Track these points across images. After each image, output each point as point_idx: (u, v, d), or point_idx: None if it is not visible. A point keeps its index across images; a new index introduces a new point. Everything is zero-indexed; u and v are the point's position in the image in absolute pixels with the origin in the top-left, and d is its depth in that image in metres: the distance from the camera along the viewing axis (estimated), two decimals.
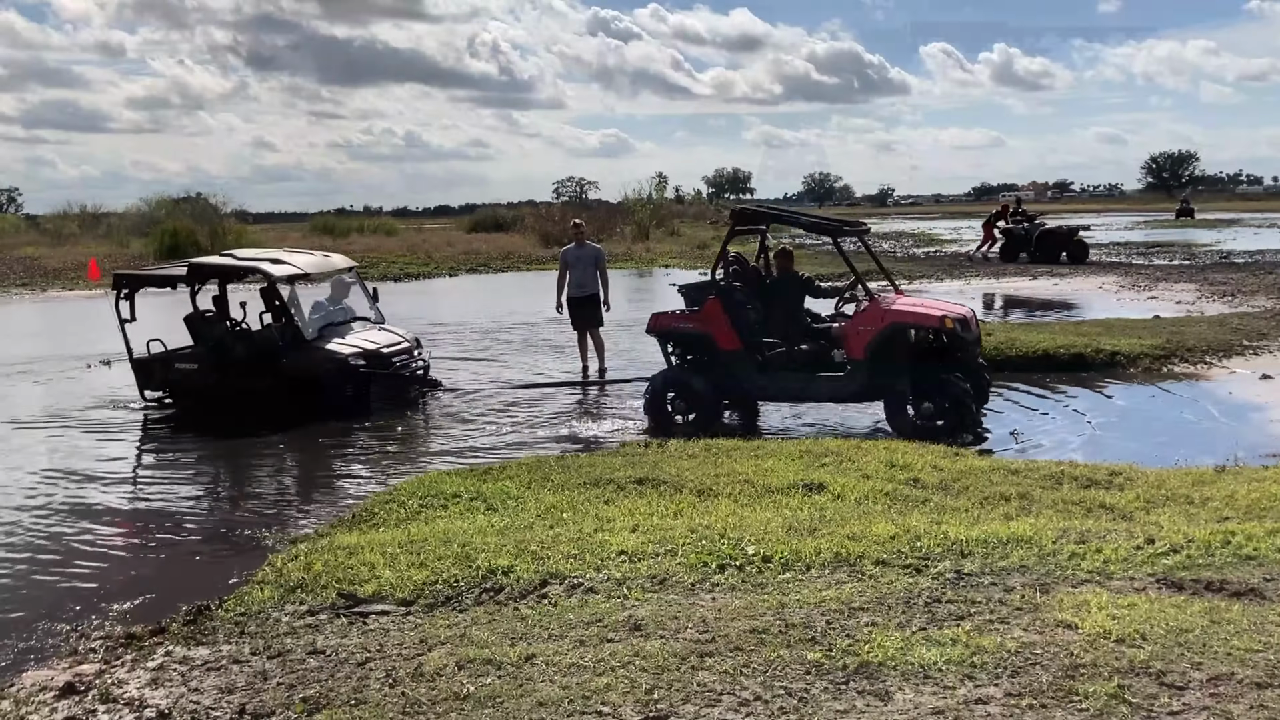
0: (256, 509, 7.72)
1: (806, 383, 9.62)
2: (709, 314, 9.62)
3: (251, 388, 11.45)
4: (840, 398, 9.75)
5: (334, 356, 11.37)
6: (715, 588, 4.55)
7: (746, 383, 9.68)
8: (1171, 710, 3.23)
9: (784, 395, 9.94)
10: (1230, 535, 4.95)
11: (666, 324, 10.00)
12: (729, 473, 6.61)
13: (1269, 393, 10.30)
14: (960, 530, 5.10)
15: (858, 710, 3.32)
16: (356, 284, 13.15)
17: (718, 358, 9.61)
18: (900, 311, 9.50)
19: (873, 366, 9.20)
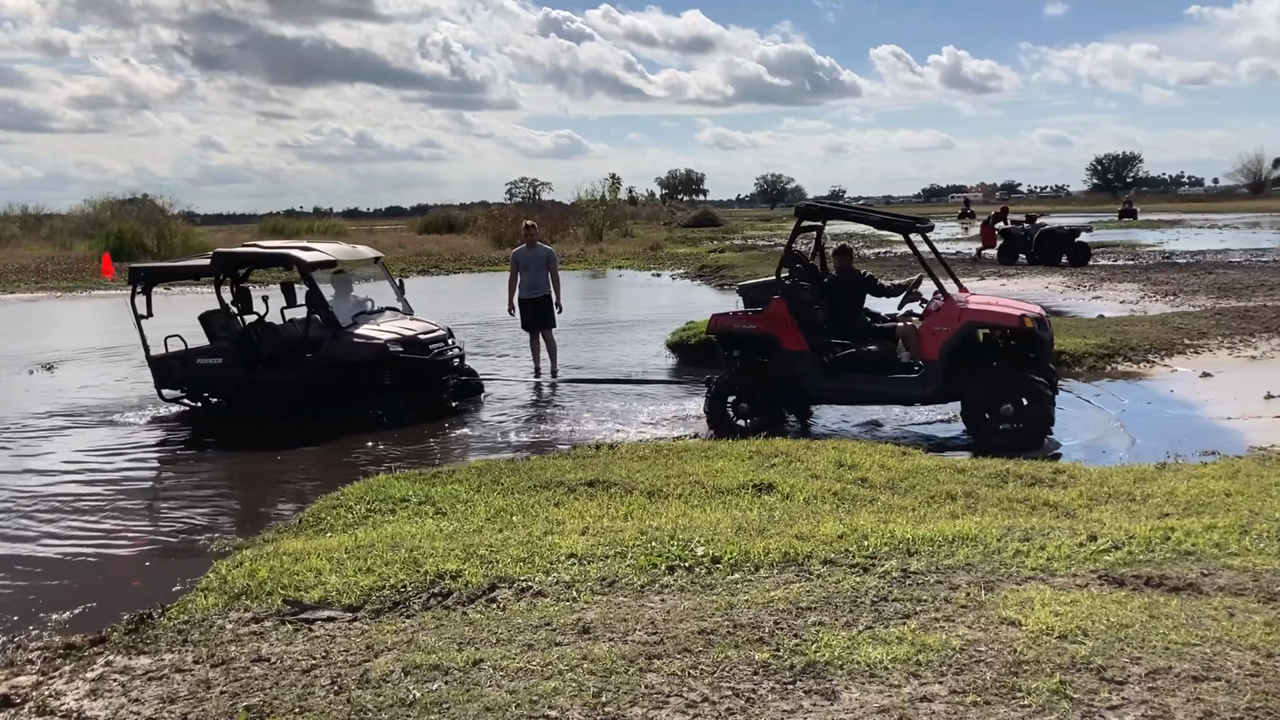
0: (203, 514, 7.61)
1: (877, 385, 9.26)
2: (774, 314, 9.26)
3: (282, 382, 11.14)
4: (913, 400, 9.39)
5: (372, 342, 10.99)
6: (664, 589, 4.55)
7: (812, 385, 9.29)
8: (1111, 704, 3.28)
9: (853, 398, 9.59)
10: (1170, 531, 5.04)
11: (728, 324, 9.66)
12: (679, 474, 6.62)
13: (1209, 390, 10.50)
14: (907, 529, 5.15)
15: (804, 710, 3.34)
16: (384, 274, 12.82)
17: (783, 359, 9.25)
18: (976, 311, 9.14)
19: (948, 368, 8.86)
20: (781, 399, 9.47)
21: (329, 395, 10.96)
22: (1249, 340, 13.03)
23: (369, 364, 10.90)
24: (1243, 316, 14.92)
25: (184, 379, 11.62)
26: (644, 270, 34.61)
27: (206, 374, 11.52)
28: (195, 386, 11.70)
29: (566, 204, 60.25)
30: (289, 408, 11.05)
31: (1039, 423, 8.65)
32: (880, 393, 9.35)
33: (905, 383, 9.15)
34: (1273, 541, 4.90)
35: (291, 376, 11.15)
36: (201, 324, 12.04)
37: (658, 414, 10.70)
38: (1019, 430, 8.58)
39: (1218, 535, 4.98)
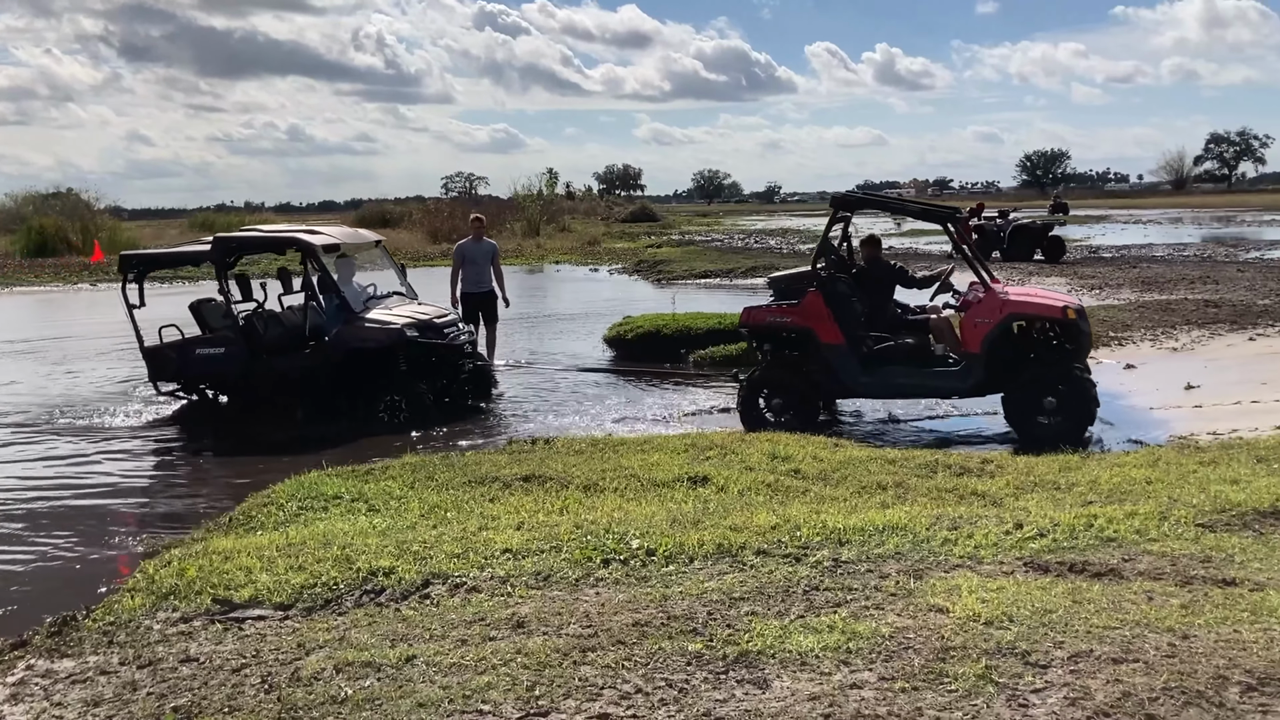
0: (132, 514, 7.47)
1: (917, 378, 9.10)
2: (809, 307, 9.04)
3: (289, 372, 10.65)
4: (953, 394, 9.23)
5: (388, 328, 10.54)
6: (599, 582, 4.56)
7: (850, 379, 9.08)
8: (1035, 688, 3.36)
9: (891, 392, 9.37)
10: (1093, 518, 5.17)
11: (761, 318, 9.37)
12: (615, 468, 6.63)
13: (1132, 381, 10.76)
14: (838, 519, 5.22)
15: (737, 699, 3.37)
16: (385, 258, 12.40)
17: (819, 353, 9.05)
18: (1019, 302, 8.97)
19: (990, 360, 8.71)
20: (819, 395, 9.30)
21: (340, 385, 10.49)
22: (1170, 332, 13.38)
23: (384, 351, 10.46)
24: (1165, 309, 15.31)
25: (182, 371, 11.09)
26: (582, 265, 34.59)
27: (207, 365, 10.95)
28: (194, 379, 11.16)
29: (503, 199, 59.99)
30: (295, 401, 10.61)
31: (1082, 415, 8.52)
32: (920, 386, 9.20)
33: (945, 375, 9.02)
34: (1190, 527, 5.05)
35: (300, 366, 10.67)
36: (193, 313, 11.42)
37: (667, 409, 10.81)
38: (1061, 423, 8.45)
39: (1138, 522, 5.12)
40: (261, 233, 12.11)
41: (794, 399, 9.12)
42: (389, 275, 12.09)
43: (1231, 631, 3.72)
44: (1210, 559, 4.57)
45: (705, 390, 11.81)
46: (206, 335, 11.20)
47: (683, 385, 12.29)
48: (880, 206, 10.94)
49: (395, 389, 10.35)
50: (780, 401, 9.12)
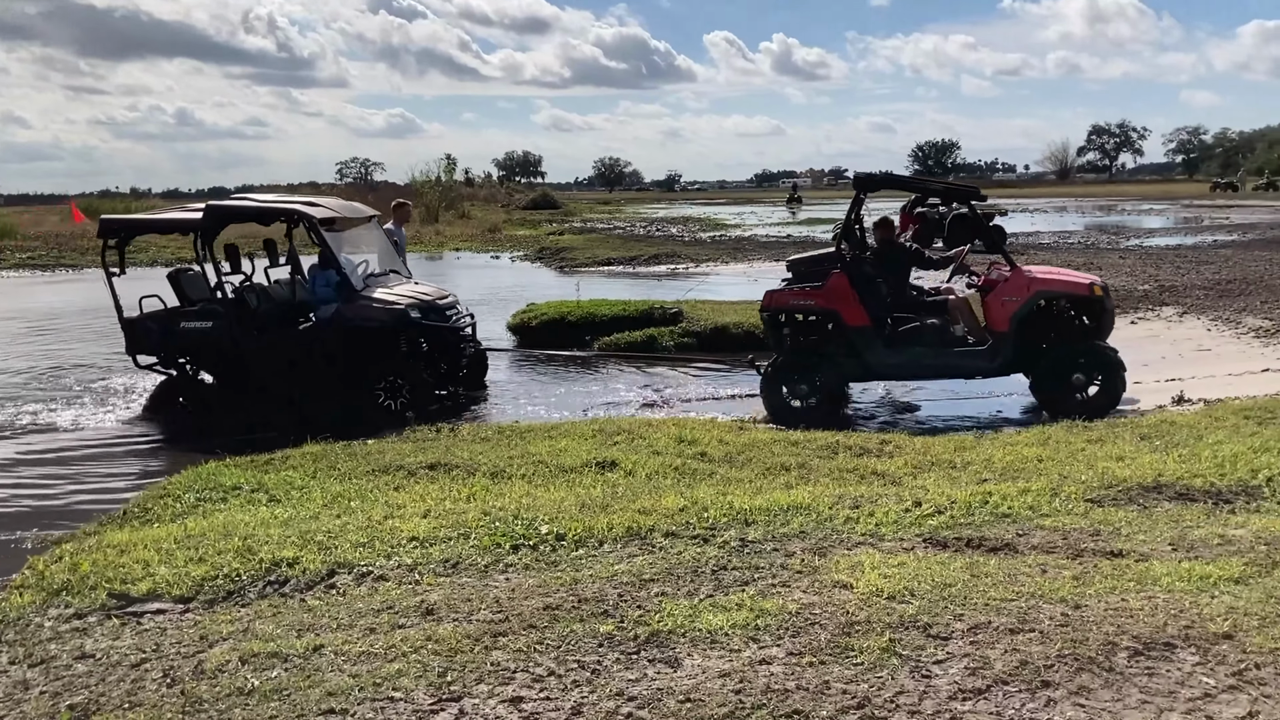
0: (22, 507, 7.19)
1: (944, 358, 9.04)
2: (835, 289, 8.91)
3: (282, 350, 10.09)
4: (981, 373, 9.19)
5: (392, 307, 10.03)
6: (509, 568, 4.55)
7: (876, 361, 8.99)
8: (937, 659, 3.46)
9: (918, 373, 9.36)
10: (988, 495, 5.34)
11: (785, 301, 9.19)
12: (523, 454, 6.62)
13: None
14: (744, 500, 5.29)
15: (649, 678, 3.40)
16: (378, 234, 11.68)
17: (845, 335, 8.93)
18: (1046, 280, 9.11)
19: (1018, 338, 8.77)
20: (846, 379, 9.20)
21: (338, 364, 10.02)
22: None
23: (386, 331, 10.04)
24: None
25: (164, 344, 10.45)
26: (483, 252, 34.30)
27: (193, 340, 10.33)
28: (176, 353, 10.53)
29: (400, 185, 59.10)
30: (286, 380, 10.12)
31: (1111, 390, 8.67)
32: (947, 366, 9.15)
33: (972, 355, 9.01)
34: (1079, 503, 5.26)
35: (295, 343, 10.17)
36: (171, 283, 10.84)
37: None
38: (1091, 399, 8.61)
39: (1031, 498, 5.30)
40: (258, 202, 11.49)
41: (820, 384, 8.98)
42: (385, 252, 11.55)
43: (1120, 600, 3.88)
44: (1099, 532, 4.77)
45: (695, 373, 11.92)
46: (193, 307, 10.62)
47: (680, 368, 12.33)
48: (903, 186, 10.98)
49: (396, 371, 9.95)
50: (805, 387, 8.98)
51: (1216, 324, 12.87)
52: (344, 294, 10.16)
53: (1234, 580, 4.04)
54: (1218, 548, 4.46)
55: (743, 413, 9.42)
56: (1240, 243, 27.44)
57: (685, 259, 26.81)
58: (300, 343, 10.24)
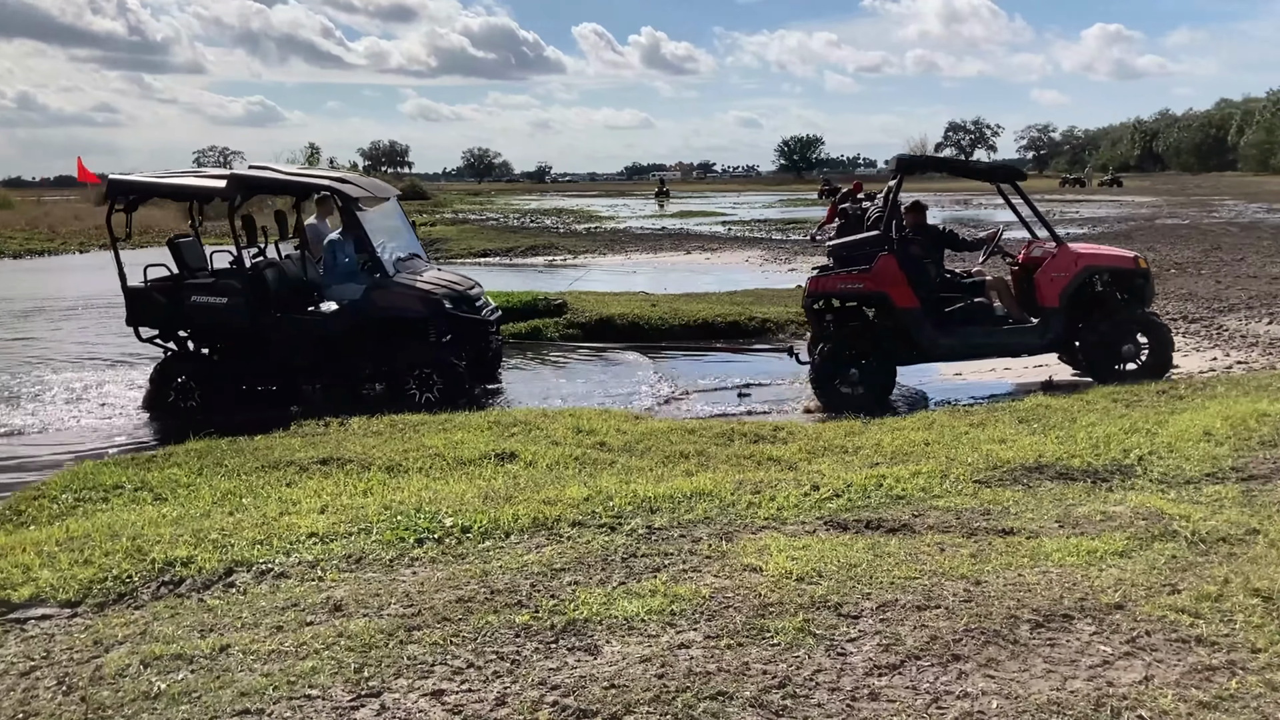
0: None
1: (996, 337, 9.07)
2: (883, 271, 8.81)
3: (303, 333, 9.36)
4: (1033, 350, 9.28)
5: (429, 295, 9.41)
6: (415, 562, 4.48)
7: (928, 343, 8.93)
8: (850, 637, 3.55)
9: (971, 353, 9.34)
10: (881, 478, 5.50)
11: (832, 286, 9.04)
12: (418, 447, 6.51)
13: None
14: (648, 488, 5.33)
15: (570, 666, 3.40)
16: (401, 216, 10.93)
17: (894, 318, 8.88)
18: (1094, 255, 9.31)
19: (1069, 314, 8.88)
20: (896, 362, 9.08)
21: (361, 353, 9.38)
22: None
23: (419, 320, 9.47)
24: None
25: (172, 317, 9.70)
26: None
27: (204, 315, 9.58)
28: (184, 328, 9.78)
29: None
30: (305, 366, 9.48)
31: (1163, 356, 8.86)
32: (1000, 344, 9.21)
33: (1023, 332, 9.07)
34: (968, 484, 5.46)
35: (317, 328, 9.47)
36: (172, 252, 10.07)
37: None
38: (1142, 367, 8.79)
39: (922, 480, 5.48)
40: (284, 174, 10.74)
41: (872, 369, 8.90)
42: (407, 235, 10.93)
43: (1016, 576, 4.05)
44: (989, 511, 4.96)
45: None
46: (207, 280, 9.95)
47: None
48: (945, 168, 11.13)
49: (429, 362, 9.42)
50: (857, 373, 8.89)
51: None
52: (376, 279, 9.63)
53: (1119, 554, 4.26)
54: (1101, 523, 4.68)
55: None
56: (1090, 236, 28.79)
57: (563, 250, 26.77)
58: (325, 326, 9.60)
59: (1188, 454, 5.81)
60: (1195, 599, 3.76)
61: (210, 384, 9.60)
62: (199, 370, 9.69)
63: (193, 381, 9.56)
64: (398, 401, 8.98)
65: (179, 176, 10.75)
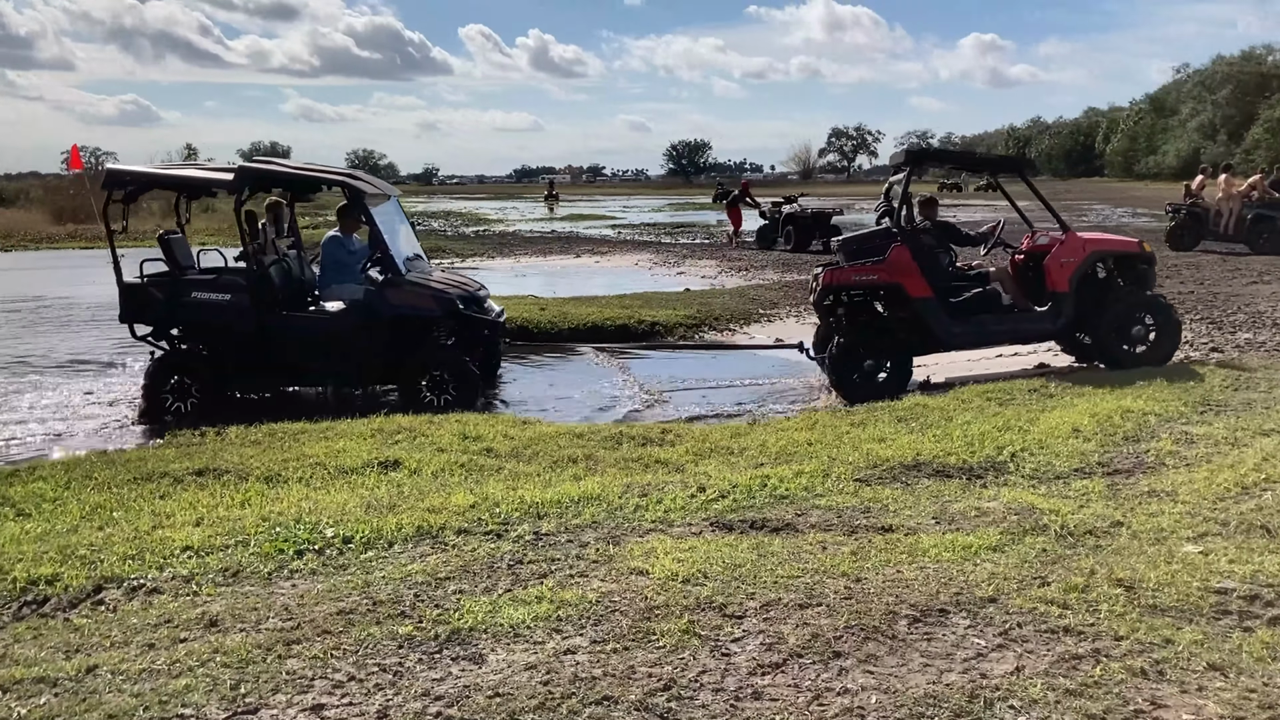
0: None
1: (1010, 324, 9.25)
2: (896, 261, 8.94)
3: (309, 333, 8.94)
4: (1046, 336, 9.52)
5: (442, 296, 9.04)
6: (295, 574, 4.37)
7: (942, 332, 9.06)
8: (734, 637, 3.59)
9: (986, 340, 9.50)
10: (766, 479, 5.57)
11: (846, 278, 9.10)
12: (298, 457, 6.35)
13: (783, 353, 11.63)
14: (535, 493, 5.30)
15: (454, 676, 3.36)
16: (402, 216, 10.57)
17: (909, 308, 8.98)
18: (1100, 240, 9.57)
19: (1078, 298, 9.07)
20: (912, 351, 9.14)
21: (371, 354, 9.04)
22: (811, 308, 14.56)
23: (428, 321, 9.15)
24: (805, 288, 16.62)
25: (171, 314, 9.23)
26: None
27: (206, 313, 9.13)
28: (182, 325, 9.27)
29: None
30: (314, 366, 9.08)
31: (1172, 337, 9.12)
32: (1013, 331, 9.43)
33: (1036, 318, 9.26)
34: (850, 482, 5.57)
35: (326, 326, 9.07)
36: (161, 247, 9.55)
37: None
38: (1152, 348, 9.04)
39: (805, 480, 5.57)
40: (292, 168, 10.27)
41: (891, 359, 8.97)
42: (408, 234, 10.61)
43: (895, 572, 4.15)
44: (870, 509, 5.07)
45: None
46: (209, 276, 9.55)
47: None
48: (952, 160, 11.14)
49: (441, 363, 9.08)
50: (873, 363, 8.95)
51: None
52: (388, 277, 9.27)
53: (992, 548, 4.40)
54: (975, 519, 4.83)
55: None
56: None
57: (451, 254, 26.44)
58: (334, 325, 9.24)
59: (1057, 450, 6.04)
60: (1063, 590, 3.90)
61: (209, 385, 9.23)
62: (198, 370, 9.25)
63: (190, 382, 9.15)
64: (410, 404, 8.78)
65: (178, 168, 10.33)
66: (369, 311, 9.14)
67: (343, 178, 9.88)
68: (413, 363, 9.08)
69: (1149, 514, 4.85)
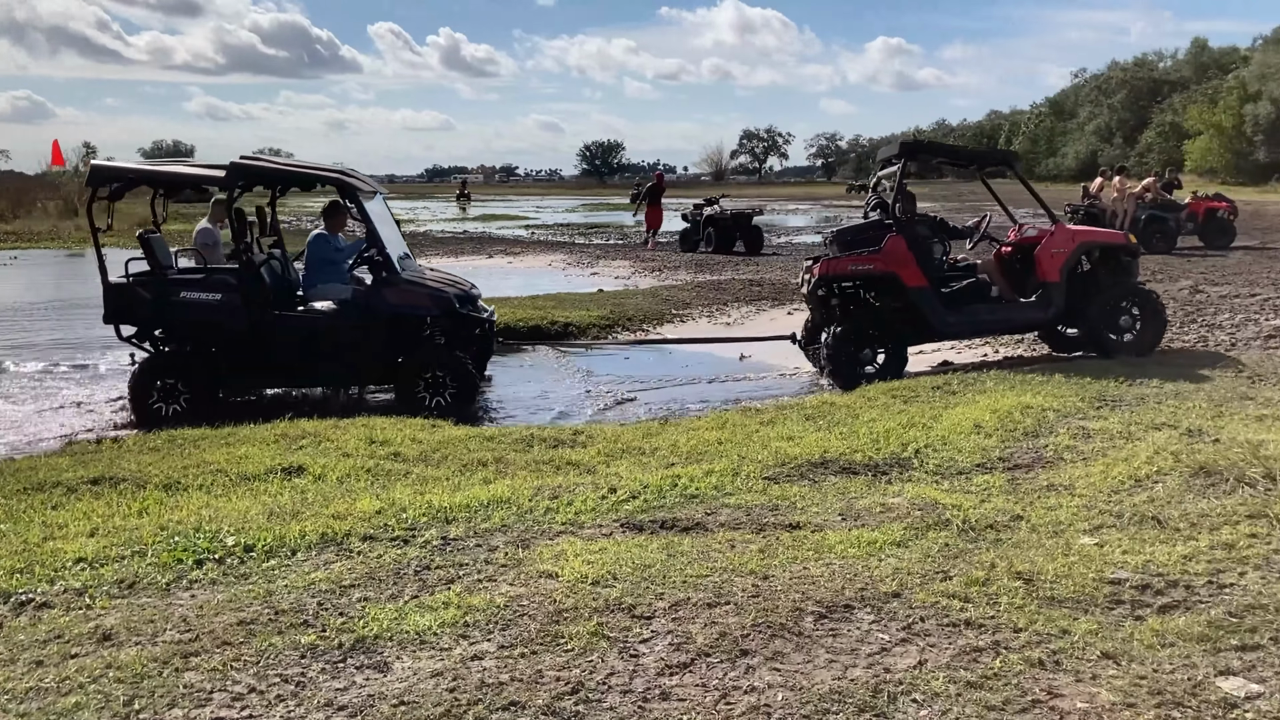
0: None
1: (1002, 313, 9.46)
2: (892, 251, 9.13)
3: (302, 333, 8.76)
4: (1037, 325, 9.80)
5: (440, 294, 8.93)
6: (194, 585, 4.25)
7: (938, 321, 9.26)
8: (643, 638, 3.59)
9: (979, 330, 9.74)
10: (677, 478, 5.59)
11: (843, 268, 9.25)
12: (198, 464, 6.19)
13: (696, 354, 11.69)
14: (443, 498, 5.24)
15: (358, 685, 3.31)
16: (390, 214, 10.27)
17: (905, 297, 9.15)
18: (1087, 232, 10.05)
19: (1069, 288, 9.29)
20: (906, 340, 9.35)
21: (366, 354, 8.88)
22: (724, 309, 14.70)
23: (428, 320, 9.04)
24: (717, 289, 16.77)
25: (158, 315, 8.93)
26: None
27: (196, 314, 8.84)
28: (170, 326, 8.94)
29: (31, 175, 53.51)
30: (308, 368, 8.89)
31: (1158, 327, 9.43)
32: (1006, 320, 9.64)
33: (1027, 308, 9.50)
34: (759, 480, 5.61)
35: (321, 327, 8.86)
36: (142, 246, 9.25)
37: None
38: (1139, 337, 9.35)
39: (715, 479, 5.60)
40: (285, 165, 10.14)
41: (886, 346, 9.17)
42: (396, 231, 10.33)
43: (802, 569, 4.19)
44: (778, 507, 5.12)
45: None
46: (199, 276, 9.34)
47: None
48: (945, 153, 11.33)
49: (440, 363, 8.89)
50: (869, 351, 9.16)
51: None
52: (384, 276, 9.12)
53: (897, 544, 4.47)
54: (880, 515, 4.91)
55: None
56: None
57: None
58: (328, 324, 9.04)
59: (960, 446, 6.17)
60: (965, 584, 3.98)
61: (199, 387, 8.95)
62: (186, 372, 8.96)
63: (177, 384, 8.85)
64: (407, 405, 8.68)
65: (166, 164, 10.11)
66: (366, 311, 9.04)
67: (336, 174, 9.76)
68: (411, 363, 8.99)
69: (1047, 507, 4.98)
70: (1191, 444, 5.78)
